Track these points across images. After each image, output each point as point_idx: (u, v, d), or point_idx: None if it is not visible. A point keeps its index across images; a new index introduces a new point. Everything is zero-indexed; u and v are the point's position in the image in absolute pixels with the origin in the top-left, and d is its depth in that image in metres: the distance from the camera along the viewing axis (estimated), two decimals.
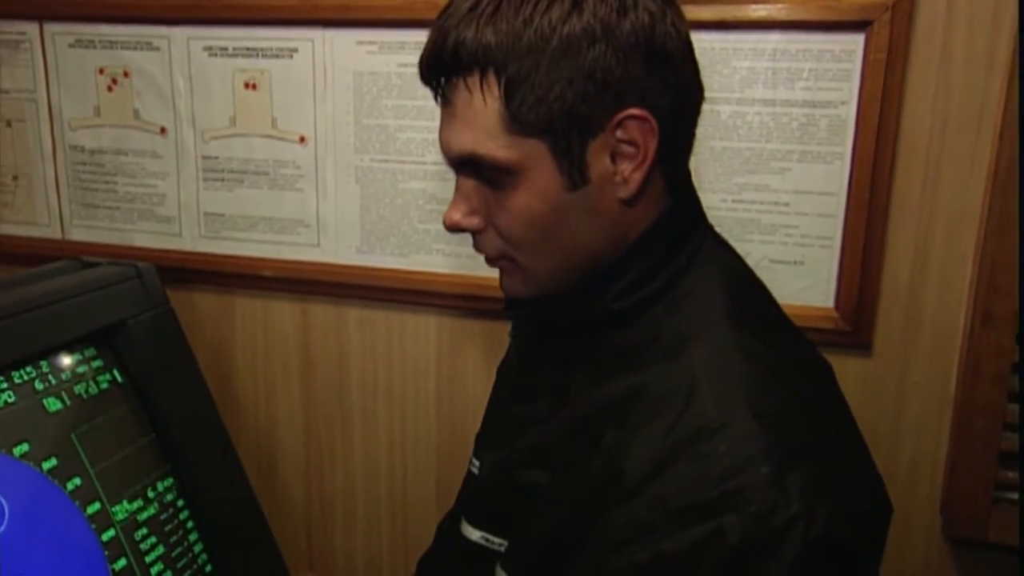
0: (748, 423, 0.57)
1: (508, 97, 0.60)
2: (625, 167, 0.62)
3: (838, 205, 0.99)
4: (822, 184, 0.99)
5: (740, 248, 0.75)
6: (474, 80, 0.61)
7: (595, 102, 0.60)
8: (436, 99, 0.66)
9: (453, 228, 0.67)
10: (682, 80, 0.63)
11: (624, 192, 0.63)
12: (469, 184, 0.66)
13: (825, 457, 0.60)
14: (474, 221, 0.67)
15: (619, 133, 0.61)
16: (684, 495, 0.56)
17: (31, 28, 1.24)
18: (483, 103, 0.61)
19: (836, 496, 0.56)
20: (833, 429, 0.65)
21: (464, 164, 0.65)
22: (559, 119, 0.60)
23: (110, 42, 1.21)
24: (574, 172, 0.62)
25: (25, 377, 0.87)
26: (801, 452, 0.57)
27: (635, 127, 0.61)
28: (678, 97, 0.63)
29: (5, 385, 0.84)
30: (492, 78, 0.60)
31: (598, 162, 0.62)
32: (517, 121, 0.60)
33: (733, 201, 1.02)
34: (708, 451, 0.56)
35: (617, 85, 0.60)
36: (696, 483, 0.56)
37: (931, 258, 0.98)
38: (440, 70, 0.63)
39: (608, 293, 0.66)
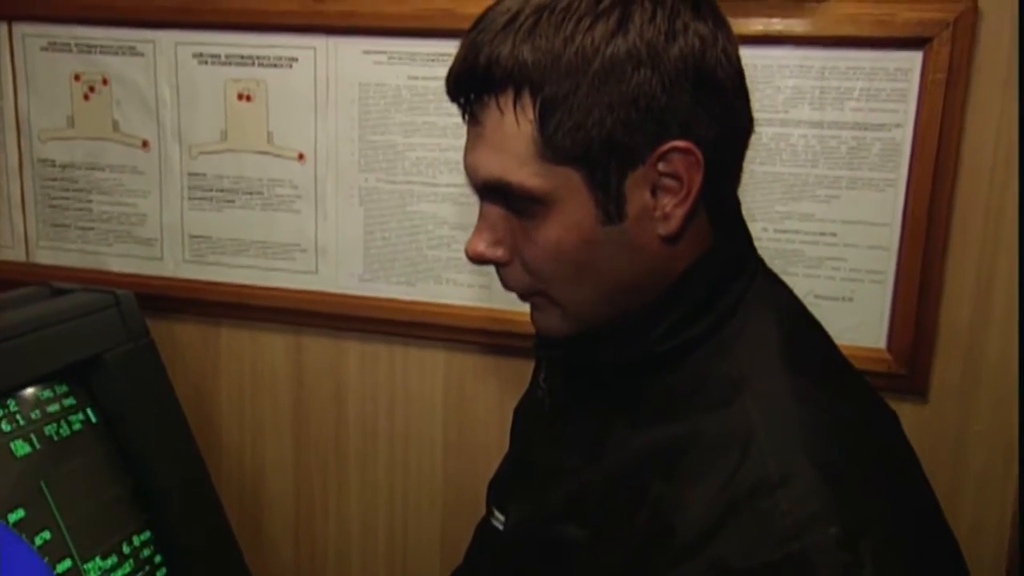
0: (810, 476, 0.57)
1: (543, 120, 0.60)
2: (666, 202, 0.63)
3: (891, 236, 1.00)
4: (873, 213, 1.00)
5: None
6: (507, 100, 0.61)
7: (637, 131, 0.60)
8: (464, 118, 0.66)
9: (476, 259, 0.67)
10: (731, 110, 0.64)
11: (664, 229, 0.63)
12: (495, 212, 0.66)
13: (896, 515, 0.59)
14: (499, 252, 0.67)
15: (661, 166, 0.62)
16: (745, 557, 0.56)
17: None
18: (515, 125, 0.61)
19: (912, 559, 0.57)
20: (902, 483, 0.65)
21: (490, 190, 0.65)
22: (597, 147, 0.61)
23: (87, 46, 1.22)
24: (610, 205, 0.62)
25: None
26: (870, 510, 0.57)
27: (679, 160, 0.61)
28: (726, 128, 0.64)
29: None
30: (527, 99, 0.61)
31: (637, 196, 0.62)
32: (551, 147, 0.61)
33: (775, 231, 1.03)
34: (769, 508, 0.56)
35: (661, 114, 0.60)
36: (757, 543, 0.56)
37: (994, 295, 0.99)
38: (470, 86, 0.64)
39: (650, 333, 0.66)
